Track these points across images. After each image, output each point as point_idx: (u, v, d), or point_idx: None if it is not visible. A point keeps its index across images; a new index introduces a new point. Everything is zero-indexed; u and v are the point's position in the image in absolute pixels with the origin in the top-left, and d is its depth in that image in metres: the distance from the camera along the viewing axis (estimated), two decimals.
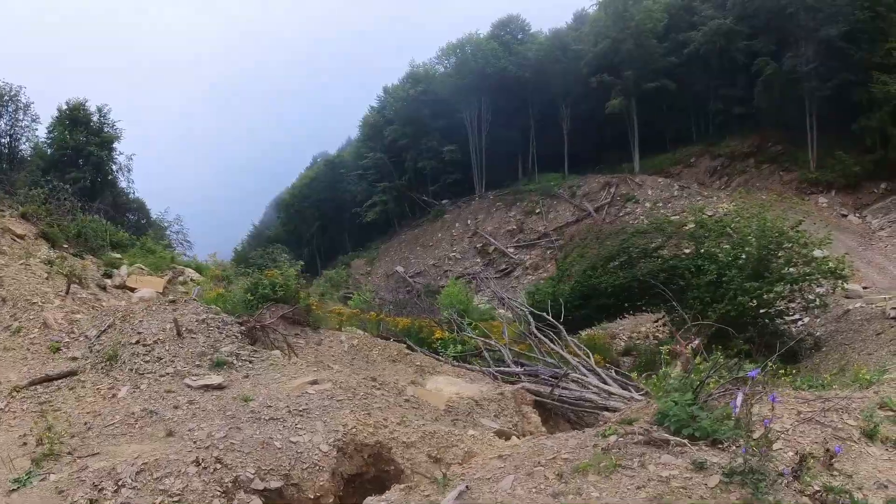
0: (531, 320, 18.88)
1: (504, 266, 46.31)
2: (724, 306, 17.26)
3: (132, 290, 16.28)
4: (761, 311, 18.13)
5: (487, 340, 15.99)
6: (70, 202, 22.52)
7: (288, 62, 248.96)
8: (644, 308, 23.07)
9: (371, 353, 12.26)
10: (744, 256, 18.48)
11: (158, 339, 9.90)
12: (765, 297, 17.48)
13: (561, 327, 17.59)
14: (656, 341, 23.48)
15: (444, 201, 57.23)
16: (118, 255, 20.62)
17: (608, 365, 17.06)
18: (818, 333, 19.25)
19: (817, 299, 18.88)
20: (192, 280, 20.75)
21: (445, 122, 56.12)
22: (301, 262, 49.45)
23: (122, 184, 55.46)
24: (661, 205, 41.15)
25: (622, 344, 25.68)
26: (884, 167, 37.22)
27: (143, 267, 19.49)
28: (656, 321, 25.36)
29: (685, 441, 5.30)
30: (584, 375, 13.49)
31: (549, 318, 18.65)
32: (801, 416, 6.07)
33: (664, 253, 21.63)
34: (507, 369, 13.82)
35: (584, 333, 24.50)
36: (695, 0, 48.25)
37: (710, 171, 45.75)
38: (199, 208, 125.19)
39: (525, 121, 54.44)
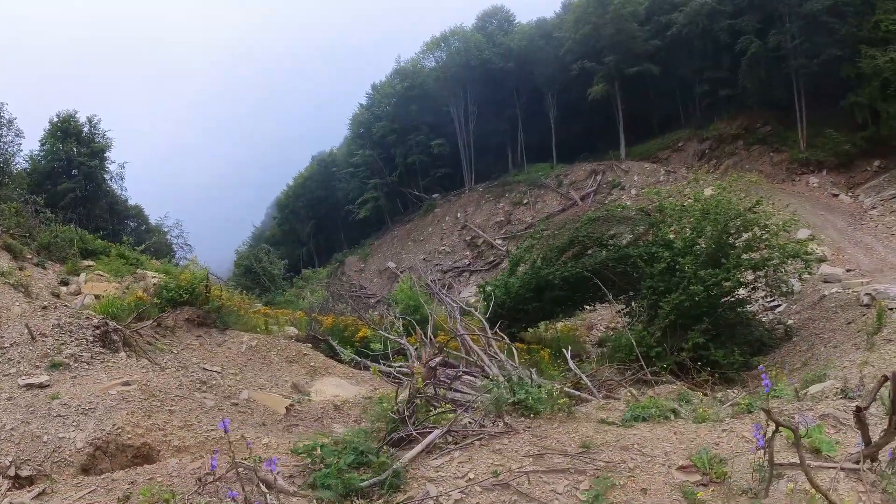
0: (458, 317, 17.32)
1: (492, 258, 44.27)
2: (678, 296, 15.17)
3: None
4: (722, 300, 15.82)
5: (399, 339, 14.57)
6: (43, 213, 22.34)
7: (287, 61, 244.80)
8: (603, 299, 21.10)
9: (269, 354, 11.64)
10: (702, 243, 16.31)
11: (15, 342, 9.80)
12: (723, 284, 15.22)
13: (486, 324, 15.63)
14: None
15: (434, 195, 55.14)
16: (91, 263, 20.08)
17: (574, 358, 15.09)
18: (790, 322, 17.18)
19: (783, 285, 16.53)
20: (154, 284, 20.24)
21: (433, 116, 54.06)
22: (285, 261, 48.10)
23: (118, 192, 54.77)
24: (646, 190, 38.75)
25: (598, 334, 23.91)
26: (876, 144, 34.74)
27: (102, 273, 18.37)
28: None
29: None
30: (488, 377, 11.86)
31: (476, 313, 17.04)
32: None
33: (619, 241, 19.61)
34: (405, 369, 12.42)
35: (560, 325, 23.28)
36: None
37: (699, 154, 43.23)
38: (207, 212, 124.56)
39: (512, 111, 52.21)
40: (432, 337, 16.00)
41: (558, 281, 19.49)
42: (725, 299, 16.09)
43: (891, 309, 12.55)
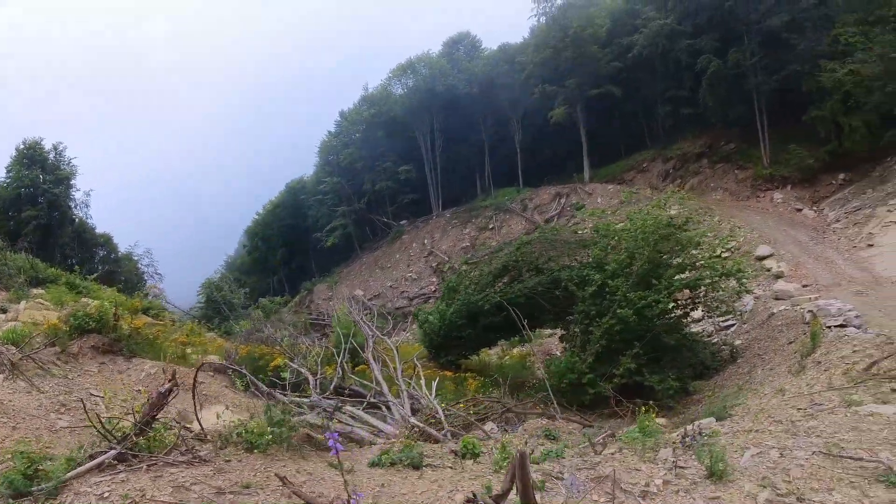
0: (370, 345, 17.11)
1: None
2: (609, 320, 14.10)
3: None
4: (657, 322, 13.88)
5: (299, 368, 14.38)
6: None
7: (268, 86, 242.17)
8: (544, 325, 20.22)
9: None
10: (636, 264, 14.73)
11: None
12: (654, 306, 13.64)
13: (371, 358, 15.46)
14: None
15: (402, 222, 53.07)
16: (40, 290, 20.58)
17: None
18: (738, 342, 15.25)
19: (722, 305, 15.21)
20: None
21: (400, 142, 52.31)
22: (245, 290, 45.77)
23: (86, 219, 52.96)
24: (608, 212, 36.89)
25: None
26: (840, 157, 33.03)
27: (43, 301, 18.64)
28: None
29: None
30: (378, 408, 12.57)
31: (366, 347, 16.52)
32: None
33: (552, 265, 18.26)
34: (298, 398, 12.51)
35: (515, 350, 23.58)
36: (637, 4, 44.20)
37: (663, 174, 41.43)
38: (184, 241, 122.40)
39: (478, 137, 50.51)
40: (344, 365, 15.92)
41: (489, 308, 18.37)
42: (661, 321, 14.36)
43: (828, 327, 10.43)
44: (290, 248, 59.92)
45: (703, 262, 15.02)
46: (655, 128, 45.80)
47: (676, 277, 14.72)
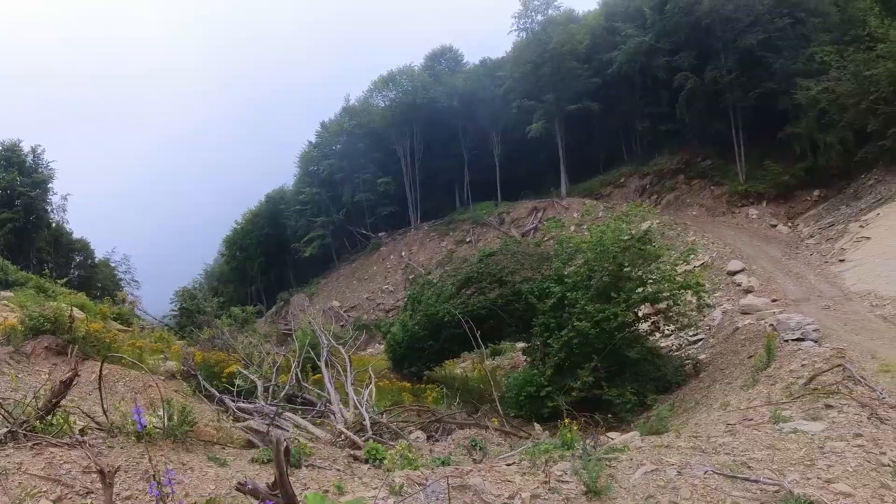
0: (324, 354, 16.64)
1: None
2: (567, 332, 13.82)
3: None
4: (617, 335, 13.24)
5: (249, 375, 14.21)
6: None
7: (257, 95, 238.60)
8: (505, 337, 20.29)
9: (117, 385, 11.20)
10: (596, 277, 14.44)
11: None
12: (613, 319, 13.30)
13: (323, 366, 15.13)
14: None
15: (381, 234, 52.15)
16: (9, 293, 20.42)
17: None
18: (703, 356, 14.59)
19: (683, 318, 14.84)
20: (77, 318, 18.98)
21: (380, 154, 51.58)
22: (218, 299, 44.61)
23: (66, 225, 51.88)
24: (584, 226, 36.19)
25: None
26: (815, 174, 32.71)
27: (8, 303, 18.28)
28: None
29: None
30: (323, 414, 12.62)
31: (320, 356, 16.20)
32: None
33: (514, 278, 17.96)
34: (245, 405, 12.41)
35: (486, 363, 22.39)
36: (617, 21, 43.90)
37: (640, 189, 40.94)
38: (167, 248, 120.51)
39: (458, 150, 49.79)
40: (298, 373, 15.55)
41: (450, 320, 17.97)
42: (621, 335, 13.86)
43: (786, 341, 9.68)
44: (269, 259, 58.68)
45: (661, 275, 14.45)
46: (633, 144, 45.39)
47: (638, 290, 14.35)
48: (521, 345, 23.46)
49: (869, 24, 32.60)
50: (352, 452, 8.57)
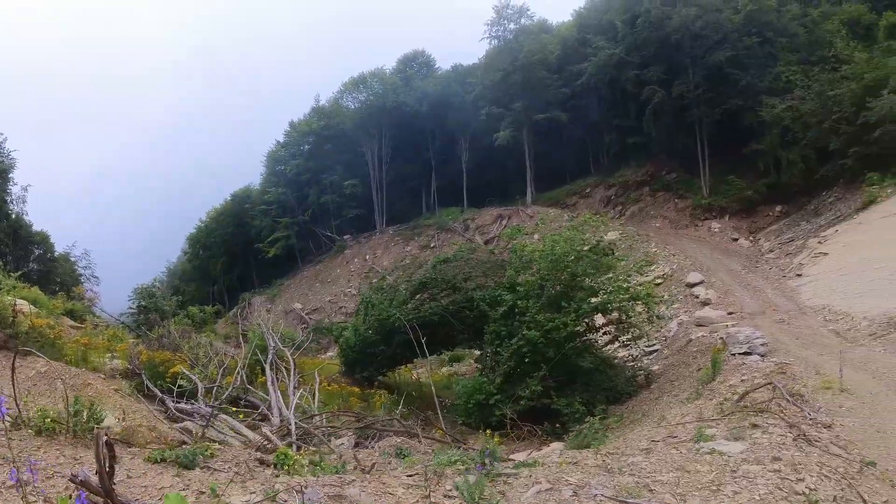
0: (270, 357, 16.52)
1: None
2: (517, 341, 13.56)
3: None
4: (566, 345, 12.90)
5: (192, 376, 14.12)
6: None
7: (225, 92, 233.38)
8: (458, 344, 19.91)
9: (56, 382, 10.90)
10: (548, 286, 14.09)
11: None
12: (563, 329, 12.97)
13: (268, 369, 15.11)
14: None
15: (345, 236, 51.04)
16: None
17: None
18: (656, 367, 14.06)
19: (635, 330, 14.52)
20: (21, 313, 17.67)
21: (348, 156, 50.59)
22: (177, 298, 43.09)
23: (22, 215, 49.73)
24: (548, 235, 35.77)
25: None
26: (777, 190, 32.81)
27: None
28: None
29: None
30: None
31: (269, 358, 16.01)
32: None
33: (468, 285, 17.71)
34: (184, 405, 12.50)
35: (443, 369, 23.30)
36: (588, 32, 43.74)
37: (605, 200, 40.66)
38: (130, 244, 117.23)
39: (426, 155, 49.14)
40: (243, 375, 15.34)
41: (402, 325, 17.56)
42: (571, 345, 13.47)
43: (733, 354, 9.08)
44: (232, 258, 57.04)
45: (611, 286, 14.07)
46: (601, 155, 45.22)
47: (591, 300, 14.01)
48: (478, 352, 22.95)
49: (835, 45, 32.95)
50: (260, 456, 8.36)
